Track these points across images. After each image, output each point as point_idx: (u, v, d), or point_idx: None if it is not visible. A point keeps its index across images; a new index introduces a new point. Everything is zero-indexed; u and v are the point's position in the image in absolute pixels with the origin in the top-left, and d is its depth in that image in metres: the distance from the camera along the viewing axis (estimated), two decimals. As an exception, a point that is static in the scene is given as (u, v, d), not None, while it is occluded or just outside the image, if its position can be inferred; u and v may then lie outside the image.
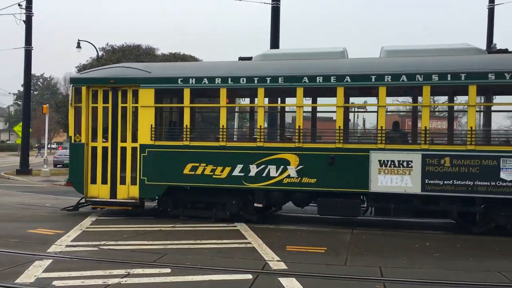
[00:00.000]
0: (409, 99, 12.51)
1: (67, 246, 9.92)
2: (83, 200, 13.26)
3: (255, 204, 12.23)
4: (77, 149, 13.06)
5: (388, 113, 11.59)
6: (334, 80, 11.00)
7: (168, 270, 8.16)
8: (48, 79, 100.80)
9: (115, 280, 7.60)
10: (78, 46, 37.05)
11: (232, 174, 11.75)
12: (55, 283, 7.42)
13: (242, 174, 11.71)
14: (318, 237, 11.28)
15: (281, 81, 11.29)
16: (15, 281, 7.38)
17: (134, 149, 12.97)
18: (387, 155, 10.80)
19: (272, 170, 11.42)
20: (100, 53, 38.19)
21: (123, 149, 12.97)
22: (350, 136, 12.07)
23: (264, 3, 17.79)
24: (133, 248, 9.92)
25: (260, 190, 12.08)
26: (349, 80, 10.92)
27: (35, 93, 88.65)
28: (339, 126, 11.37)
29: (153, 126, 12.40)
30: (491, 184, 10.46)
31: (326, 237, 11.29)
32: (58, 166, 37.22)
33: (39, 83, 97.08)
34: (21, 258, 8.91)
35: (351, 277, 7.93)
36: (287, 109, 13.46)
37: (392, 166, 10.67)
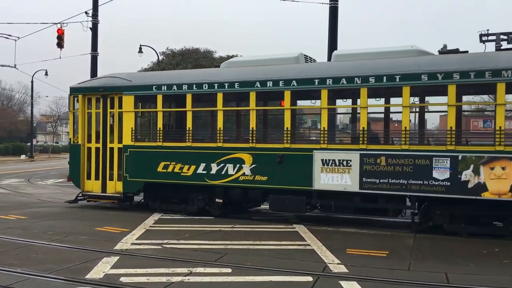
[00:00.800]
0: (350, 101, 12.20)
1: (132, 244, 9.36)
2: (81, 195, 14.38)
3: (216, 200, 12.59)
4: (75, 149, 14.11)
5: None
6: (282, 85, 11.20)
7: (229, 270, 7.51)
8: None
9: (178, 278, 7.05)
10: (140, 51, 35.58)
11: (197, 172, 12.06)
12: (122, 279, 6.99)
13: (205, 172, 12.00)
14: (380, 241, 10.08)
15: (237, 86, 11.63)
16: (86, 277, 7.05)
17: (119, 149, 13.52)
18: (328, 155, 10.79)
19: (230, 169, 11.70)
20: (160, 57, 34.79)
21: (111, 149, 13.66)
22: (297, 136, 12.25)
23: (322, 3, 16.56)
24: (194, 247, 9.18)
25: (220, 187, 12.19)
26: (295, 84, 11.08)
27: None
28: (287, 127, 11.36)
29: (133, 128, 13.09)
30: (424, 183, 10.12)
31: (388, 240, 10.13)
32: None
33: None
34: (90, 254, 8.47)
35: (415, 282, 6.99)
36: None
37: (333, 165, 10.68)
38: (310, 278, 7.25)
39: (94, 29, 22.50)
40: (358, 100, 11.02)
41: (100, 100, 13.89)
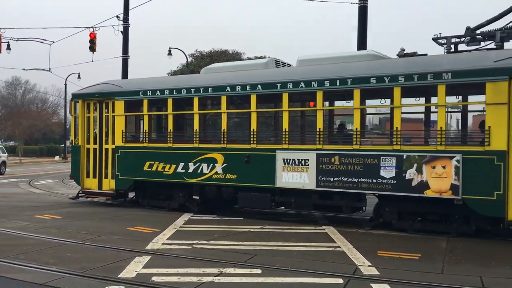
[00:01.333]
0: (309, 104, 12.63)
1: (163, 244, 8.62)
2: (81, 192, 14.53)
3: (194, 197, 12.47)
4: (76, 150, 14.33)
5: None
6: (249, 89, 11.35)
7: (259, 271, 6.82)
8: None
9: (209, 278, 6.45)
10: (169, 53, 33.19)
11: (177, 171, 12.27)
12: (154, 278, 6.44)
13: (183, 170, 12.16)
14: (411, 243, 9.02)
15: (211, 91, 11.85)
16: (118, 276, 6.54)
17: (113, 150, 13.62)
18: (289, 154, 10.86)
19: (205, 167, 11.88)
20: (189, 59, 32.87)
21: (106, 150, 13.81)
22: (263, 137, 12.38)
23: (351, 3, 15.62)
24: (224, 248, 8.35)
25: (197, 185, 12.18)
26: (260, 88, 11.24)
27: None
28: (253, 129, 11.34)
29: (124, 131, 13.31)
30: (372, 181, 10.03)
31: (420, 243, 9.06)
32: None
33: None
34: (123, 253, 7.84)
35: (449, 286, 6.26)
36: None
37: (293, 164, 10.79)
38: (340, 280, 6.40)
39: (125, 33, 21.58)
40: (315, 103, 10.91)
41: (97, 105, 14.08)
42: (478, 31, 10.48)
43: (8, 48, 28.03)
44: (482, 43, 10.49)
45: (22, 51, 47.93)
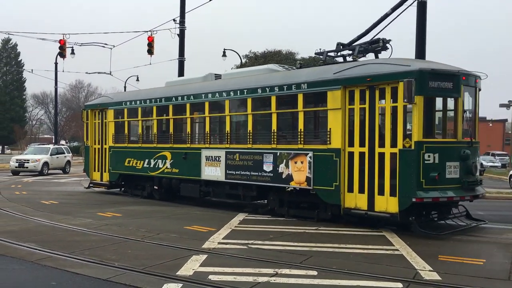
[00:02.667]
0: (221, 110, 13.89)
1: (219, 243, 6.86)
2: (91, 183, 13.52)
3: (154, 187, 12.84)
4: (87, 149, 14.64)
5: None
6: (185, 99, 12.34)
7: (315, 273, 5.35)
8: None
9: (265, 279, 5.08)
10: (224, 54, 25.81)
11: (144, 166, 13.12)
12: (210, 277, 5.11)
13: (148, 166, 13.03)
14: (474, 248, 6.86)
15: (164, 101, 12.94)
16: (176, 273, 5.24)
17: (108, 149, 14.01)
18: (209, 152, 11.83)
19: (160, 163, 12.82)
20: (243, 60, 26.33)
21: (105, 149, 13.93)
22: (195, 138, 13.53)
23: None
24: (279, 248, 6.52)
25: (156, 177, 12.60)
26: (192, 99, 12.41)
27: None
28: (188, 132, 11.92)
29: (113, 133, 13.52)
30: (259, 174, 10.62)
31: (484, 248, 6.93)
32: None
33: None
34: (180, 252, 6.29)
35: None
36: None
37: (212, 160, 11.83)
38: (400, 285, 4.85)
39: (181, 35, 19.38)
40: (225, 110, 11.25)
41: (99, 113, 14.49)
42: (354, 44, 11.45)
43: (72, 53, 27.92)
44: (369, 55, 10.68)
45: (85, 56, 49.69)
